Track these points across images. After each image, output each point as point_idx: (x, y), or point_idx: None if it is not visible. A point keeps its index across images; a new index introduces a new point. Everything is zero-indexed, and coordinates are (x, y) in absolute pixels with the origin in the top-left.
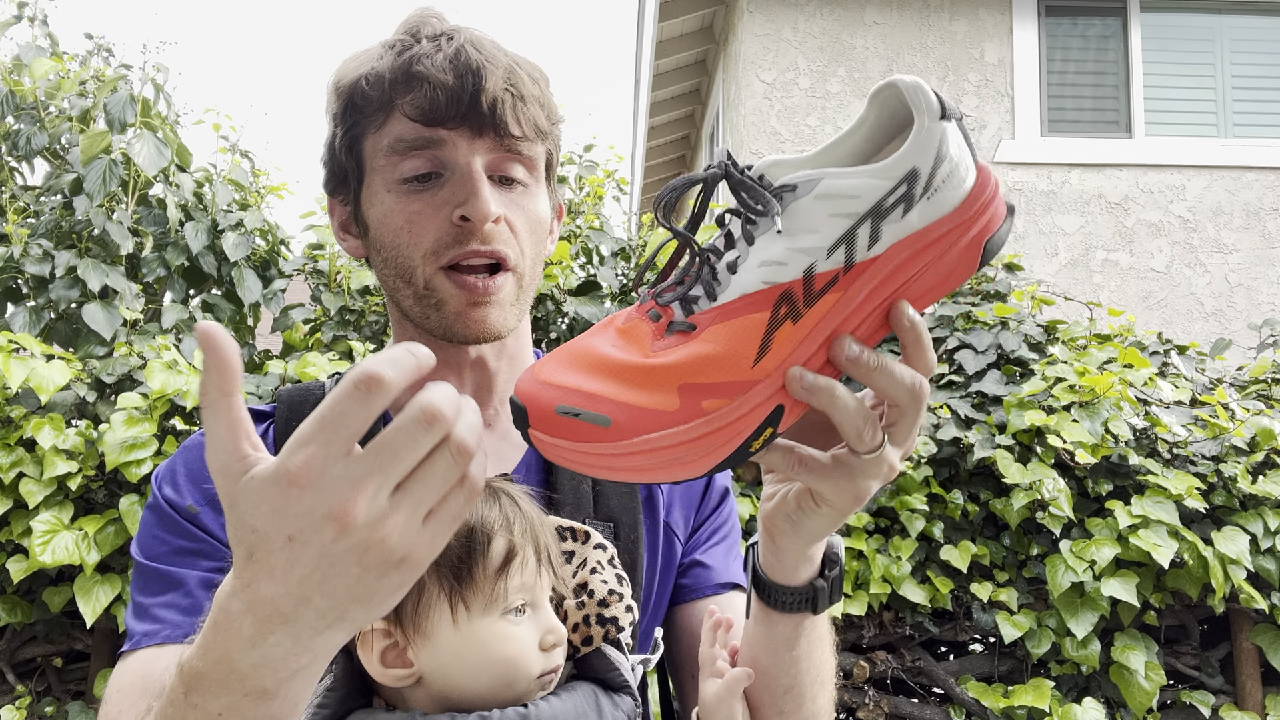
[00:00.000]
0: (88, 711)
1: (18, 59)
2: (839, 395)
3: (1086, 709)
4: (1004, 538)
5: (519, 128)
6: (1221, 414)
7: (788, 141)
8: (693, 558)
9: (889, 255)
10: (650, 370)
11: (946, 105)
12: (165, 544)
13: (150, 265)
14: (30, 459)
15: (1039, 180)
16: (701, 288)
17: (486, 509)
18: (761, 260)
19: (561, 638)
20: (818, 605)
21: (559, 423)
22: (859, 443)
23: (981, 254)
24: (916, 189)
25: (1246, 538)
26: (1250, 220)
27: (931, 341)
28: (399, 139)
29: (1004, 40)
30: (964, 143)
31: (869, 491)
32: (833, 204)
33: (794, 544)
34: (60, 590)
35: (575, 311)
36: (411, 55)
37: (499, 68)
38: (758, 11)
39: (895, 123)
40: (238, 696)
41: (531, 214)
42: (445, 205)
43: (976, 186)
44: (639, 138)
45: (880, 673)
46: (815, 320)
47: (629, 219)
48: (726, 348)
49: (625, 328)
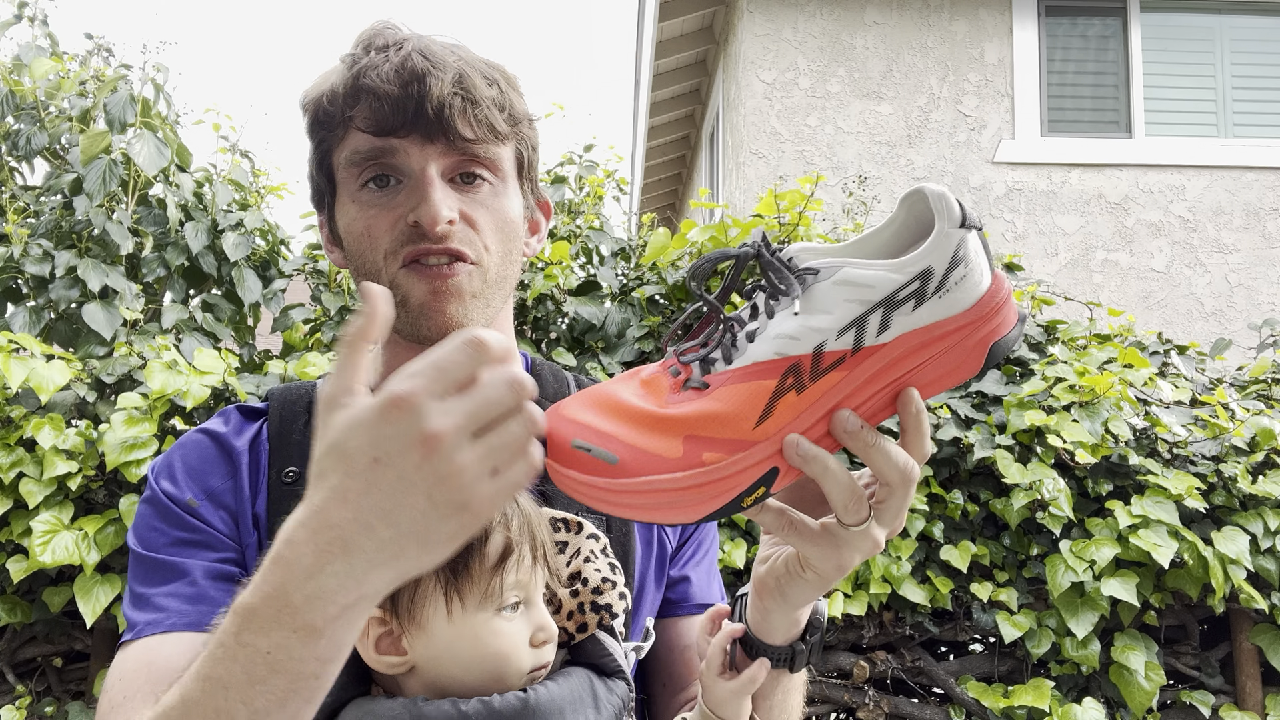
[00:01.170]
0: (87, 711)
1: (18, 59)
2: (831, 467)
3: (1086, 709)
4: (1004, 538)
5: (471, 130)
6: (1221, 414)
7: (788, 142)
8: (681, 572)
9: (896, 344)
10: (661, 419)
11: (967, 214)
12: (165, 535)
13: (150, 265)
14: (30, 459)
15: (1039, 180)
16: (721, 352)
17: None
18: (777, 333)
19: (552, 635)
20: (794, 665)
21: (572, 455)
22: (846, 514)
23: (987, 355)
24: (929, 287)
25: (1246, 538)
26: (1250, 220)
27: (929, 431)
28: (355, 151)
29: (1004, 40)
30: (982, 251)
31: (852, 563)
32: (849, 290)
33: (780, 607)
34: (60, 590)
35: (575, 311)
36: (360, 68)
37: (447, 72)
38: (758, 11)
39: (921, 225)
40: (287, 632)
41: (497, 212)
42: (399, 208)
43: (989, 292)
44: (639, 138)
45: (880, 673)
46: (819, 394)
47: (629, 219)
48: (732, 408)
49: (648, 379)
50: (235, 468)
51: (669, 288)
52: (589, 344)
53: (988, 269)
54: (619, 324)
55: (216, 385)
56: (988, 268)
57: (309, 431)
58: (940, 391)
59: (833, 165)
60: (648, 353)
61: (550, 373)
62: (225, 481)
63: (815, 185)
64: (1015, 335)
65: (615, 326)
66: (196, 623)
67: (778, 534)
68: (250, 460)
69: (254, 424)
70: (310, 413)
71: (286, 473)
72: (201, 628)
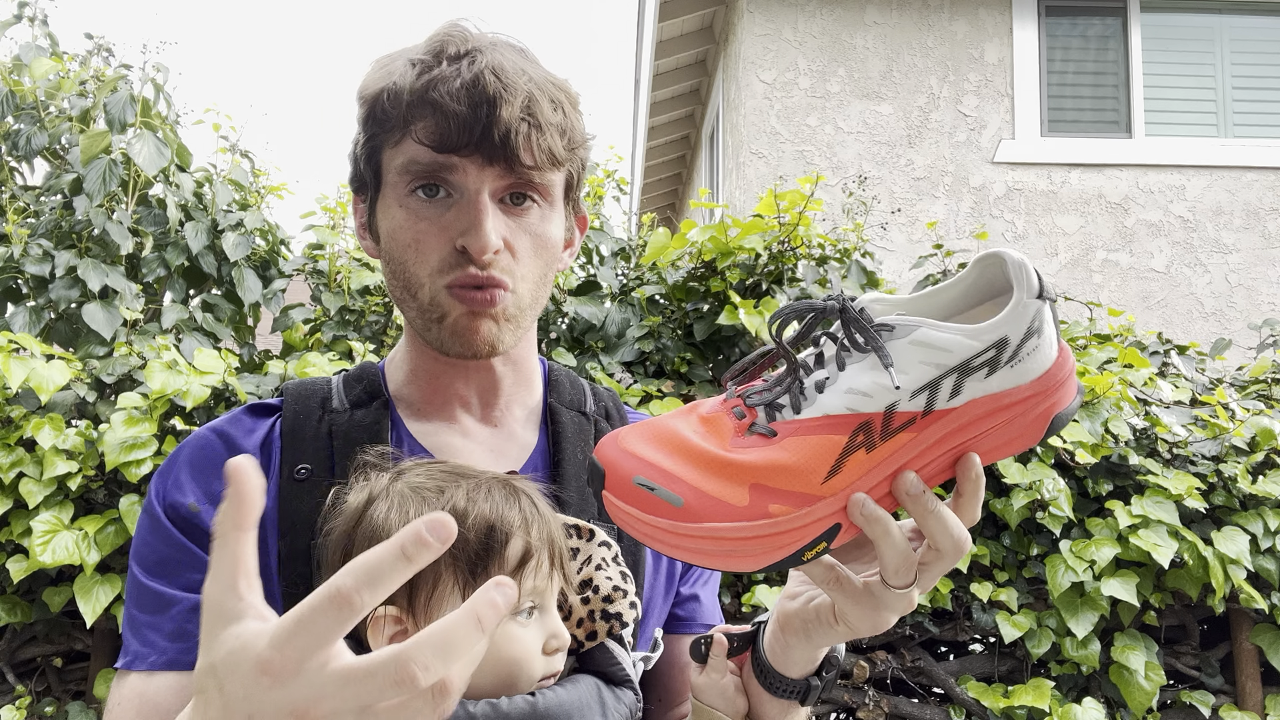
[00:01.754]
0: (88, 711)
1: (18, 59)
2: (891, 531)
3: (1086, 709)
4: (1004, 538)
5: (532, 158)
6: (1221, 414)
7: (788, 142)
8: (691, 590)
9: (966, 409)
10: (728, 464)
11: (1045, 286)
12: (155, 552)
13: (150, 265)
14: (30, 459)
15: (1039, 180)
16: (789, 399)
17: (507, 508)
18: (849, 388)
19: (565, 643)
20: (807, 700)
21: (634, 492)
22: (894, 577)
23: (1049, 426)
24: (1004, 356)
25: (1246, 538)
26: (1250, 220)
27: (982, 498)
28: (412, 160)
29: (1004, 40)
30: (1053, 322)
31: (887, 623)
32: (925, 352)
33: (802, 645)
34: (60, 590)
35: (575, 311)
36: (430, 79)
37: (518, 96)
38: (758, 11)
39: (992, 288)
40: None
41: (539, 236)
42: (450, 229)
43: (1056, 364)
44: (639, 138)
45: (880, 673)
46: (887, 454)
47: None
48: (802, 460)
49: (709, 417)
50: None
51: (669, 288)
52: (589, 344)
53: (1056, 340)
54: (619, 324)
55: (216, 385)
56: (1056, 339)
57: (322, 428)
58: (1001, 458)
59: (833, 165)
60: (647, 353)
61: (568, 379)
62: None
63: (815, 185)
64: (1074, 408)
65: (615, 326)
66: (175, 660)
67: (821, 586)
68: (260, 459)
69: (266, 421)
70: (325, 408)
71: (299, 469)
72: (181, 665)
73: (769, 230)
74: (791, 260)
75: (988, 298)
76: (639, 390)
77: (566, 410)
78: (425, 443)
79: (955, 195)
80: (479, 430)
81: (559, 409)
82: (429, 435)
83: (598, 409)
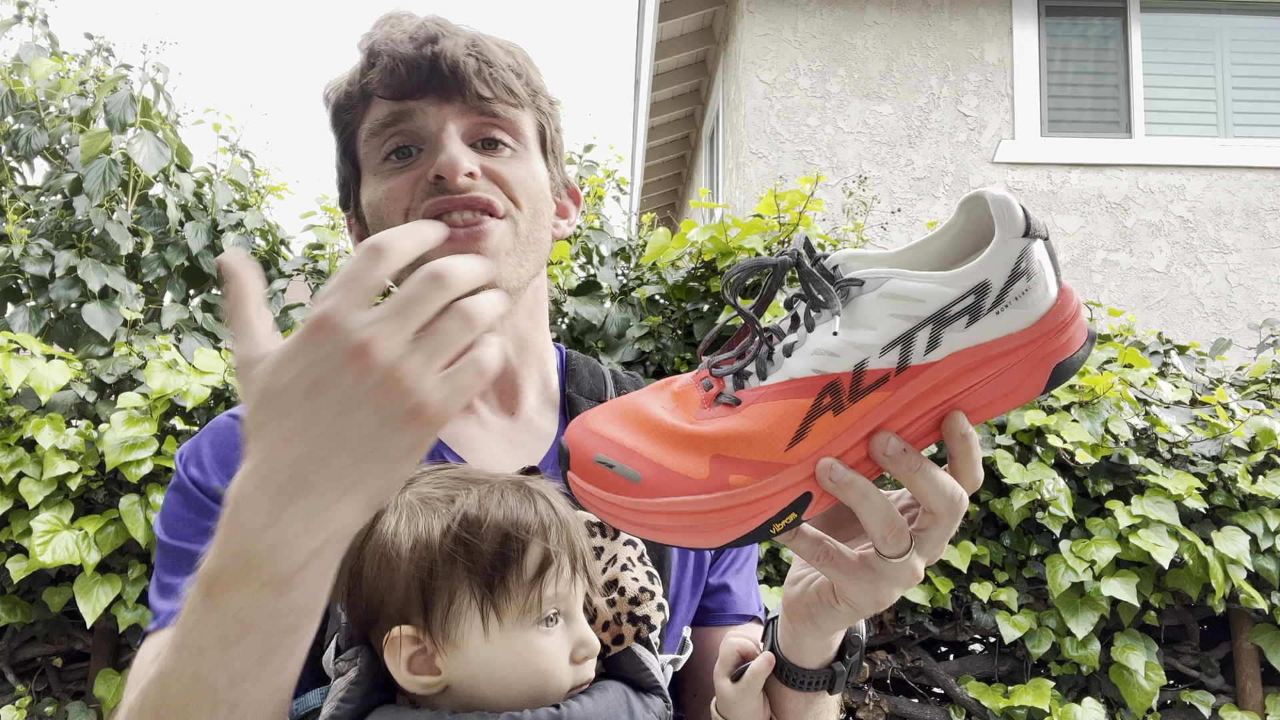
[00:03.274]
0: (88, 711)
1: (18, 59)
2: (868, 494)
3: (1086, 709)
4: (1004, 538)
5: (488, 89)
6: (1221, 414)
7: (788, 142)
8: (721, 580)
9: (946, 363)
10: (688, 436)
11: (1032, 222)
12: (192, 524)
13: (150, 265)
14: (30, 459)
15: (1039, 180)
16: (755, 366)
17: (522, 511)
18: (815, 349)
19: (594, 650)
20: (834, 687)
21: (594, 471)
22: (885, 545)
23: (1050, 377)
24: (985, 302)
25: (1246, 538)
26: (1250, 220)
27: (980, 456)
28: (374, 121)
29: (1004, 40)
30: (1048, 262)
31: (890, 598)
32: (895, 304)
33: (811, 633)
34: (60, 590)
35: (575, 311)
36: (375, 40)
37: (461, 36)
38: (758, 11)
39: (981, 232)
40: (255, 588)
41: (521, 172)
42: (420, 168)
43: (1055, 307)
44: (639, 138)
45: (880, 673)
46: (858, 415)
47: (629, 219)
48: (764, 427)
49: (679, 391)
50: None
51: (669, 288)
52: (589, 344)
53: (1054, 281)
54: (619, 324)
55: (216, 385)
56: (1054, 280)
57: None
58: (996, 414)
59: (833, 165)
60: (647, 353)
61: (587, 368)
62: None
63: (815, 185)
64: (1083, 355)
65: (615, 326)
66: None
67: (812, 563)
68: None
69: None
70: None
71: None
72: None
73: (769, 230)
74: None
75: (980, 245)
76: None
77: (585, 400)
78: (442, 434)
79: (955, 195)
80: (496, 420)
81: (577, 399)
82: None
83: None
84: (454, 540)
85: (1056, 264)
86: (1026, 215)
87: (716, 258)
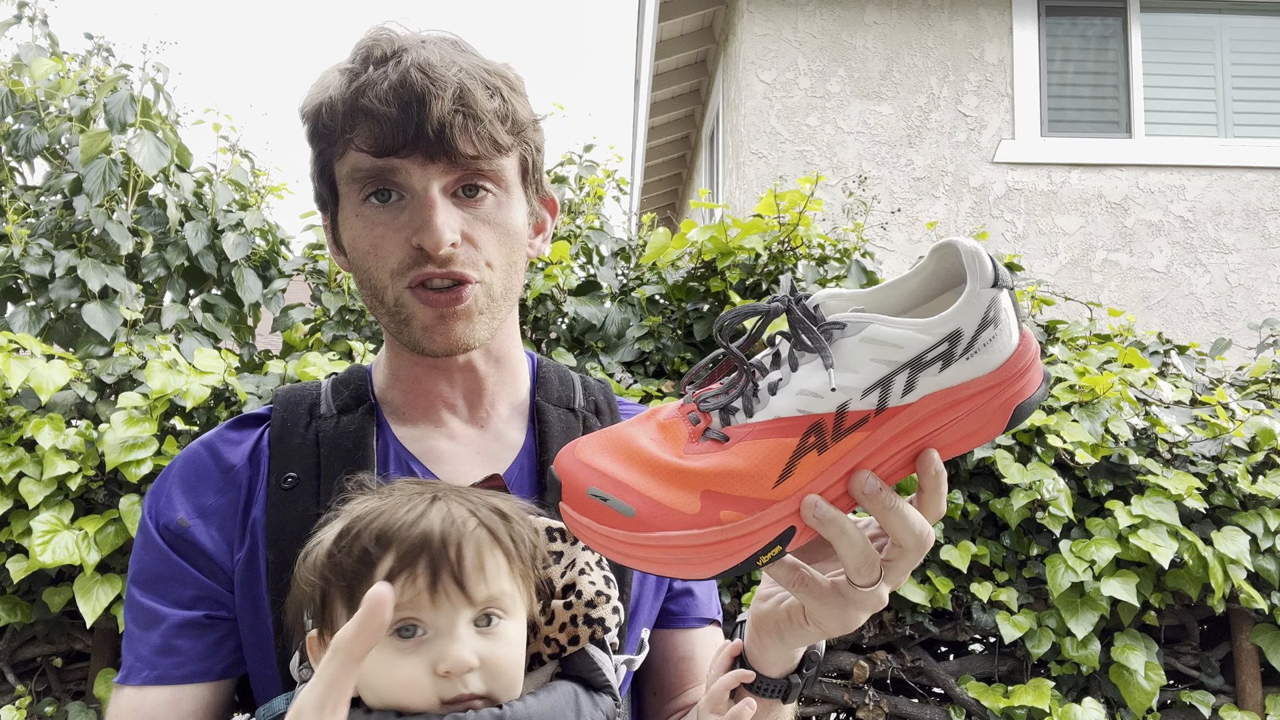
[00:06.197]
0: (87, 711)
1: (18, 59)
2: (848, 530)
3: (1086, 709)
4: (1004, 538)
5: (473, 147)
6: (1221, 414)
7: (788, 142)
8: (685, 584)
9: (921, 405)
10: (679, 471)
11: (1000, 274)
12: (147, 570)
13: (150, 265)
14: (30, 459)
15: (1039, 180)
16: (741, 402)
17: (398, 524)
18: (800, 389)
19: (460, 668)
20: (788, 697)
21: (588, 503)
22: (857, 575)
23: (1011, 417)
24: (957, 349)
25: (1246, 538)
26: (1250, 220)
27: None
28: (355, 168)
29: (1004, 40)
30: (1012, 309)
31: (857, 622)
32: (876, 349)
33: (777, 646)
34: (60, 590)
35: (575, 311)
36: (358, 86)
37: (447, 89)
38: (758, 11)
39: (951, 277)
40: None
41: (500, 224)
42: (404, 229)
43: (1016, 353)
44: (639, 138)
45: (880, 673)
46: (840, 454)
47: (629, 219)
48: (753, 465)
49: (665, 423)
50: (230, 483)
51: (669, 288)
52: (589, 344)
53: (1016, 328)
54: (619, 324)
55: (216, 385)
56: (1016, 326)
57: (309, 435)
58: (961, 452)
59: (833, 165)
60: (647, 352)
61: (557, 375)
62: (219, 498)
63: (815, 185)
64: (1040, 396)
65: (615, 326)
66: (165, 676)
67: (787, 588)
68: (250, 470)
69: (254, 431)
70: (313, 415)
71: (285, 478)
72: (170, 680)
73: (769, 230)
74: (791, 260)
75: (948, 287)
76: (639, 390)
77: (554, 408)
78: (412, 448)
79: (955, 195)
80: (465, 432)
81: (545, 407)
82: (415, 440)
83: (587, 404)
84: (329, 551)
85: (1018, 311)
86: (995, 266)
87: (716, 257)
